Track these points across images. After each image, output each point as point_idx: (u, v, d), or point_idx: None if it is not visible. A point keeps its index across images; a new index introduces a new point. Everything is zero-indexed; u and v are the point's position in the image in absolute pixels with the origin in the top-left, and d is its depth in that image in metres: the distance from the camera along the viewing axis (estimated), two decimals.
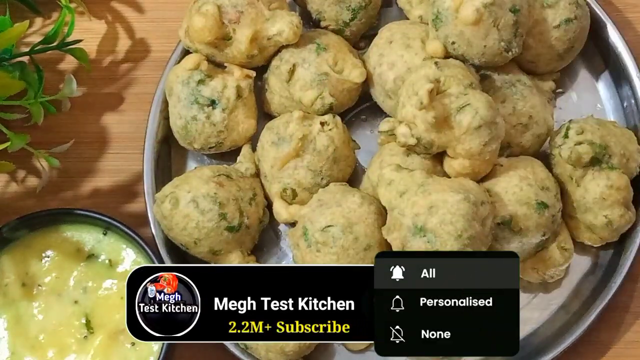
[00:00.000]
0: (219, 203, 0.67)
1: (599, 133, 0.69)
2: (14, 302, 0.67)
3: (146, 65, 0.78)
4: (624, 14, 0.79)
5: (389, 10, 0.78)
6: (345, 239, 0.65)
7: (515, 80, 0.71)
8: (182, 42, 0.73)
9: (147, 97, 0.74)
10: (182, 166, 0.75)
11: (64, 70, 0.78)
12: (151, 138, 0.73)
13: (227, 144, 0.72)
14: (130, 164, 0.75)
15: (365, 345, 0.70)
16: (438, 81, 0.66)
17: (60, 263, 0.68)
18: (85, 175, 0.76)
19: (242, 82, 0.71)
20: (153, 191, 0.71)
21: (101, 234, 0.69)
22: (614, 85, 0.76)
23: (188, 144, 0.72)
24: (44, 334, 0.67)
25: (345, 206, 0.66)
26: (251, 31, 0.70)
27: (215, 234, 0.67)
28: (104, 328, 0.67)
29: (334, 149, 0.69)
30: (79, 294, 0.68)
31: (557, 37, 0.71)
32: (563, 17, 0.71)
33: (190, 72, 0.71)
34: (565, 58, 0.73)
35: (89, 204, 0.75)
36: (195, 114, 0.70)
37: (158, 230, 0.70)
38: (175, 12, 0.78)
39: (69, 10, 0.74)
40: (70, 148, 0.74)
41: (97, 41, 0.79)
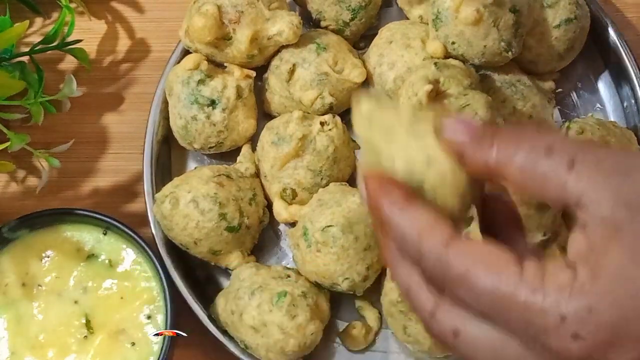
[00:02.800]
0: (219, 203, 0.67)
1: (599, 133, 0.69)
2: (14, 302, 0.67)
3: (146, 65, 0.78)
4: (624, 14, 0.79)
5: (389, 10, 0.78)
6: (345, 239, 0.65)
7: (515, 80, 0.71)
8: (182, 42, 0.73)
9: (147, 97, 0.74)
10: (182, 166, 0.75)
11: (64, 70, 0.78)
12: (151, 138, 0.73)
13: (227, 144, 0.72)
14: (130, 164, 0.75)
15: (365, 345, 0.70)
16: (437, 82, 0.66)
17: (60, 263, 0.68)
18: (85, 175, 0.76)
19: (242, 82, 0.71)
20: (153, 191, 0.71)
21: (101, 234, 0.69)
22: (614, 85, 0.76)
23: (188, 144, 0.72)
24: (44, 334, 0.67)
25: (345, 206, 0.66)
26: (251, 31, 0.70)
27: (215, 234, 0.67)
28: (104, 328, 0.67)
29: (334, 149, 0.69)
30: (79, 294, 0.68)
31: (557, 37, 0.71)
32: (563, 17, 0.71)
33: (190, 72, 0.71)
34: (565, 58, 0.73)
35: (89, 204, 0.75)
36: (195, 113, 0.70)
37: (158, 230, 0.70)
38: (175, 12, 0.78)
39: (69, 10, 0.74)
40: (70, 148, 0.74)
41: (97, 41, 0.79)
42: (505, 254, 0.40)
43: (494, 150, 0.41)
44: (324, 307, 0.68)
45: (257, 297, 0.65)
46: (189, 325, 0.69)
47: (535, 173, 0.40)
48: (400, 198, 0.43)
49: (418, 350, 0.68)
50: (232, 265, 0.69)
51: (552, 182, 0.40)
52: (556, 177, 0.39)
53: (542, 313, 0.38)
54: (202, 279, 0.73)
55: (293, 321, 0.65)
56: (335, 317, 0.71)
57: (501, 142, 0.41)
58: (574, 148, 0.40)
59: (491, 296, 0.39)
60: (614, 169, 0.39)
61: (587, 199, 0.39)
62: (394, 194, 0.43)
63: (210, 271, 0.73)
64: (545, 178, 0.40)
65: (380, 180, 0.44)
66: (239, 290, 0.67)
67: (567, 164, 0.39)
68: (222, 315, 0.68)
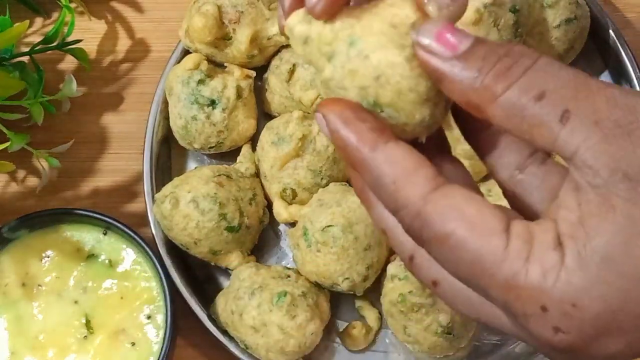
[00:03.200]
0: (219, 203, 0.67)
1: None
2: (14, 302, 0.67)
3: (146, 65, 0.78)
4: (624, 14, 0.79)
5: None
6: (345, 239, 0.65)
7: None
8: (182, 42, 0.73)
9: (147, 97, 0.74)
10: (182, 166, 0.75)
11: (64, 70, 0.78)
12: (151, 138, 0.73)
13: (227, 144, 0.72)
14: (130, 164, 0.75)
15: (365, 345, 0.70)
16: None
17: (60, 263, 0.68)
18: (85, 175, 0.76)
19: (242, 82, 0.71)
20: (153, 191, 0.71)
21: (101, 234, 0.69)
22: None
23: (188, 144, 0.72)
24: (44, 334, 0.67)
25: (345, 206, 0.66)
26: (251, 31, 0.70)
27: (215, 234, 0.67)
28: (104, 328, 0.67)
29: (334, 149, 0.69)
30: (79, 294, 0.68)
31: (557, 37, 0.71)
32: (563, 17, 0.71)
33: (190, 72, 0.71)
34: (565, 58, 0.73)
35: (89, 204, 0.75)
36: (195, 113, 0.70)
37: (158, 230, 0.70)
38: (175, 12, 0.78)
39: (69, 10, 0.74)
40: (70, 148, 0.74)
41: (97, 41, 0.79)
42: (493, 216, 0.36)
43: (478, 80, 0.36)
44: (324, 307, 0.68)
45: (257, 297, 0.65)
46: (189, 325, 0.69)
47: (522, 120, 0.35)
48: (367, 133, 0.37)
49: (418, 350, 0.68)
50: (232, 265, 0.69)
51: (541, 133, 0.35)
52: (547, 129, 0.35)
53: (522, 299, 0.35)
54: (202, 279, 0.73)
55: (293, 321, 0.65)
56: (335, 317, 0.71)
57: (488, 71, 0.36)
58: (568, 95, 0.35)
59: (471, 266, 0.36)
60: (613, 127, 0.35)
61: (581, 160, 0.35)
62: (358, 128, 0.37)
63: (210, 271, 0.73)
64: (532, 126, 0.35)
65: (339, 108, 0.38)
66: (239, 290, 0.67)
67: (560, 115, 0.35)
68: (222, 315, 0.68)
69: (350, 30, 0.39)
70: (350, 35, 0.38)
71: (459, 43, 0.37)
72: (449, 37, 0.37)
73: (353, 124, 0.37)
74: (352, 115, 0.38)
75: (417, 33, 0.37)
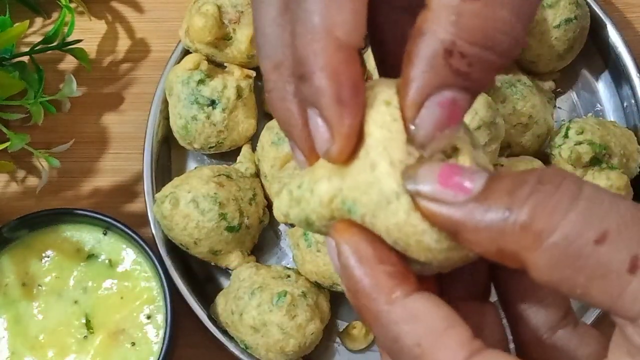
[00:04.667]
0: (219, 203, 0.67)
1: (599, 133, 0.69)
2: (14, 302, 0.67)
3: (146, 65, 0.78)
4: (624, 14, 0.79)
5: None
6: None
7: (515, 80, 0.71)
8: (182, 42, 0.73)
9: (147, 97, 0.74)
10: (182, 166, 0.75)
11: (64, 70, 0.78)
12: (151, 138, 0.73)
13: (227, 144, 0.72)
14: (130, 164, 0.75)
15: (365, 345, 0.70)
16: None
17: (60, 263, 0.68)
18: (85, 175, 0.76)
19: (242, 82, 0.71)
20: (153, 191, 0.71)
21: (101, 234, 0.69)
22: (614, 85, 0.76)
23: (188, 144, 0.72)
24: (44, 334, 0.67)
25: None
26: (251, 31, 0.70)
27: (215, 234, 0.67)
28: (104, 328, 0.67)
29: None
30: (79, 294, 0.68)
31: (557, 37, 0.71)
32: (563, 17, 0.71)
33: (190, 72, 0.71)
34: (565, 58, 0.73)
35: (89, 204, 0.75)
36: (195, 113, 0.70)
37: (158, 230, 0.70)
38: (175, 12, 0.78)
39: (69, 10, 0.74)
40: (70, 148, 0.74)
41: (97, 41, 0.79)
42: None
43: (510, 219, 0.27)
44: (324, 307, 0.68)
45: (257, 297, 0.65)
46: (189, 325, 0.69)
47: (578, 270, 0.27)
48: (385, 280, 0.30)
49: None
50: (232, 265, 0.69)
51: (602, 286, 0.27)
52: (611, 281, 0.27)
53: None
54: (202, 279, 0.73)
55: (293, 321, 0.65)
56: (335, 317, 0.71)
57: (522, 205, 0.27)
58: (635, 236, 0.27)
59: None
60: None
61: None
62: (375, 271, 0.30)
63: (210, 271, 0.73)
64: (592, 278, 0.27)
65: (355, 239, 0.31)
66: (239, 290, 0.67)
67: (628, 263, 0.27)
68: (222, 315, 0.68)
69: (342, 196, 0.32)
70: (344, 199, 0.32)
71: (471, 181, 0.29)
72: (456, 178, 0.29)
73: (369, 264, 0.30)
74: (370, 253, 0.30)
75: (414, 182, 0.29)
